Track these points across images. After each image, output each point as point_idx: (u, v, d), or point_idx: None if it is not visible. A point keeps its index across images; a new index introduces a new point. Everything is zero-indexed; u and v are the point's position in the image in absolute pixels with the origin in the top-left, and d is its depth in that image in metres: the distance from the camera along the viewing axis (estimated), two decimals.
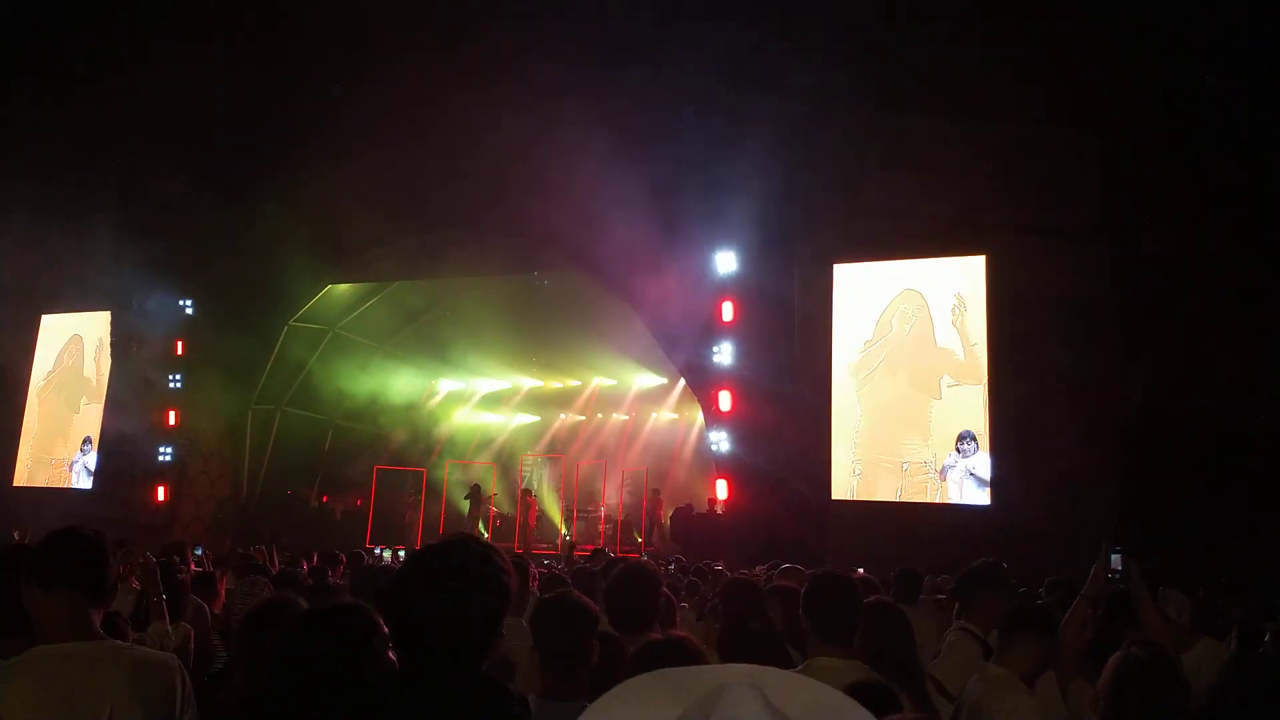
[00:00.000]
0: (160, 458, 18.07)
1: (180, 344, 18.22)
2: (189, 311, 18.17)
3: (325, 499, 20.45)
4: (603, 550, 11.08)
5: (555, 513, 20.52)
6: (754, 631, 3.61)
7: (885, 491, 13.78)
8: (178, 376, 18.13)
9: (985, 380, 13.45)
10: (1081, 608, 3.32)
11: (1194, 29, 11.79)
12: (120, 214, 17.70)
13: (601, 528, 19.18)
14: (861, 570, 6.72)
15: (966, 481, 13.35)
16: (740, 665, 0.85)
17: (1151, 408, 11.93)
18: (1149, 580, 4.26)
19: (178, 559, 5.94)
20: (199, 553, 8.05)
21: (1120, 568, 3.13)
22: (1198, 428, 11.45)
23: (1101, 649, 2.90)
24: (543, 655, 2.55)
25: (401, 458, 21.47)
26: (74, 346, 20.35)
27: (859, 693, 1.81)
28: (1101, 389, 12.44)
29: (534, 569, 7.04)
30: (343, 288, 18.50)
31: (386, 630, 1.97)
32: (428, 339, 20.90)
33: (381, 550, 13.85)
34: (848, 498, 13.95)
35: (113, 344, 19.27)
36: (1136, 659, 2.34)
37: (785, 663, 2.84)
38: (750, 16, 13.49)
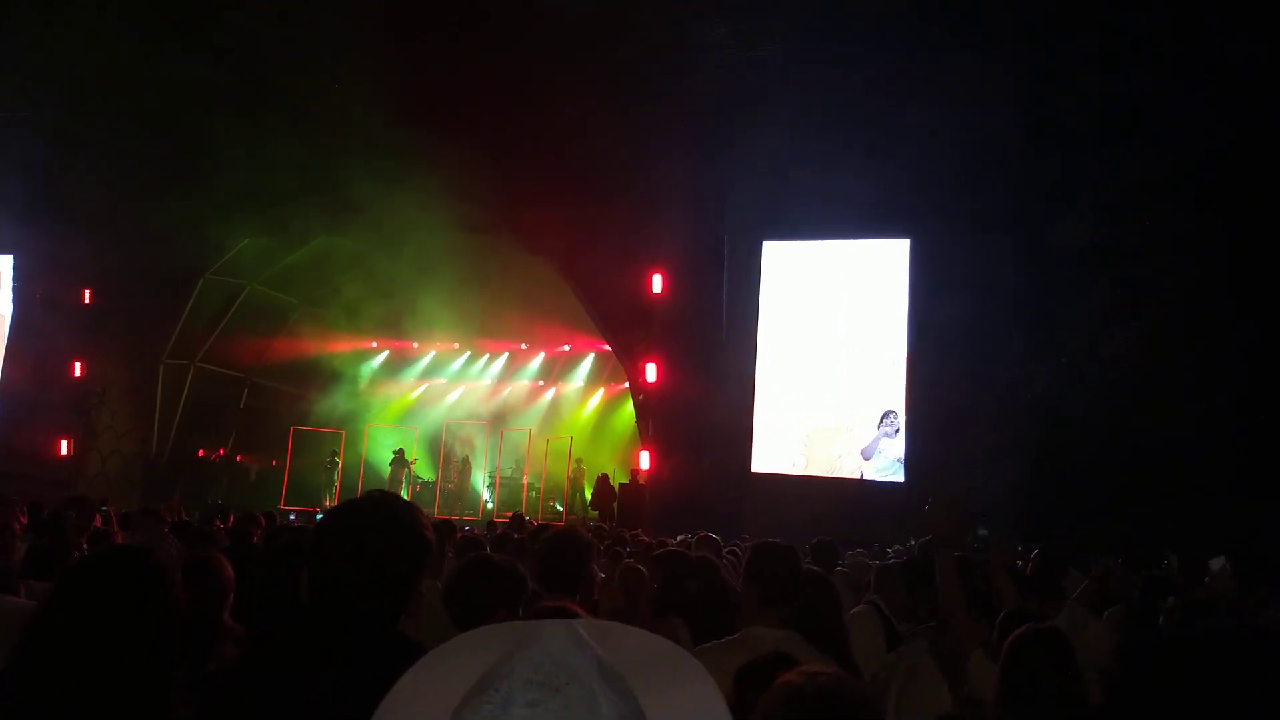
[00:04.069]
0: (65, 411, 17.37)
1: (87, 292, 17.50)
2: (97, 258, 17.41)
3: (239, 458, 19.97)
4: (520, 516, 11.10)
5: (478, 479, 20.40)
6: (690, 591, 3.68)
7: (825, 460, 14.09)
8: (85, 327, 17.41)
9: (905, 359, 13.83)
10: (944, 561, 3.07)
11: (1112, 23, 12.18)
12: (29, 155, 16.87)
13: (524, 495, 19.16)
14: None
15: (890, 464, 13.73)
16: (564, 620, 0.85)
17: (1056, 392, 12.44)
18: (1049, 563, 4.45)
19: (72, 514, 5.73)
20: (104, 509, 7.79)
21: (984, 537, 3.21)
22: (1098, 411, 11.97)
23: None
24: (453, 615, 2.56)
25: (320, 419, 21.05)
26: None
27: (781, 663, 1.87)
28: (1011, 372, 12.90)
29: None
30: (262, 241, 17.93)
31: (176, 576, 1.93)
32: (350, 298, 20.45)
33: (294, 516, 13.64)
34: (781, 468, 14.22)
35: (15, 289, 18.40)
36: (1027, 636, 2.44)
37: (729, 622, 2.89)
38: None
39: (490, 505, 18.95)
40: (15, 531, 4.96)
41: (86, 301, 17.51)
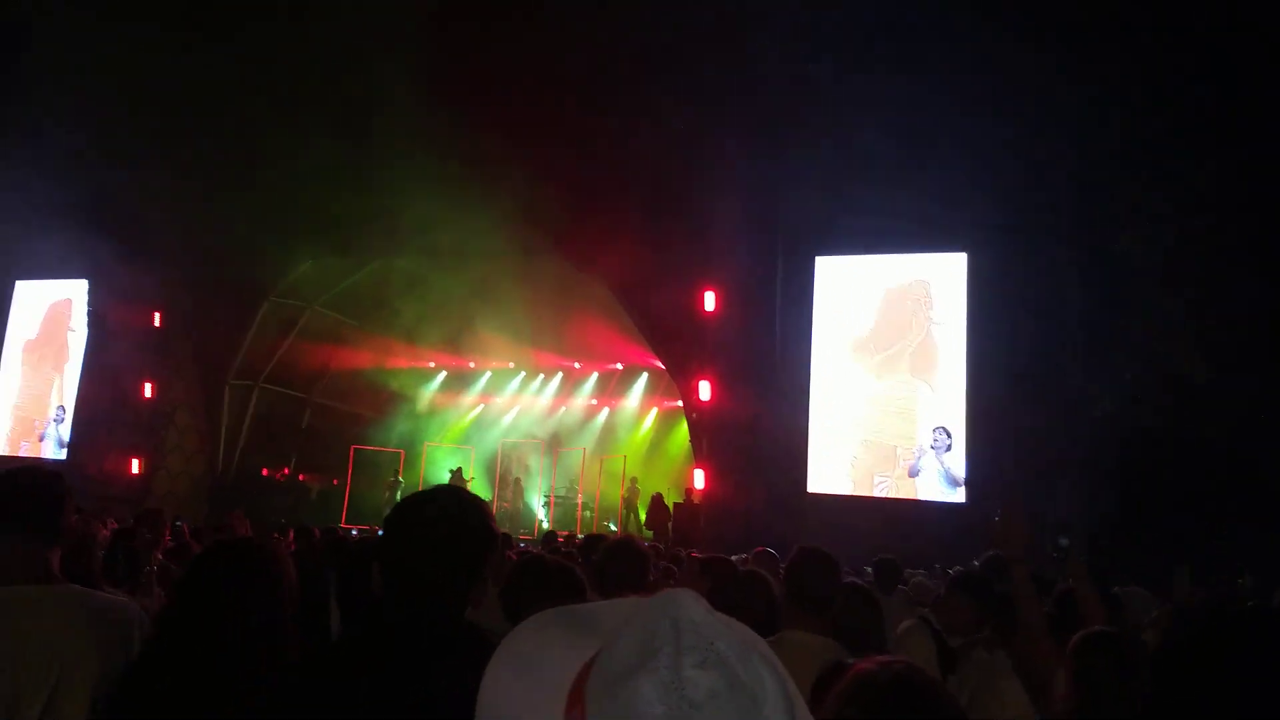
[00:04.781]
0: (136, 431, 17.93)
1: (158, 315, 18.08)
2: (167, 283, 18.00)
3: (301, 477, 20.37)
4: (552, 533, 11.12)
5: (533, 499, 20.52)
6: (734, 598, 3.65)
7: (878, 481, 13.92)
8: (155, 348, 17.99)
9: (964, 377, 13.61)
10: (1021, 577, 2.90)
11: (1173, 38, 11.93)
12: (101, 182, 17.53)
13: (578, 515, 19.21)
14: None
15: (939, 481, 13.49)
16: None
17: (1122, 409, 12.12)
18: (1098, 574, 4.32)
19: (145, 528, 5.90)
20: (178, 524, 8.02)
21: (1066, 544, 3.05)
22: (1166, 429, 11.64)
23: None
24: (508, 613, 2.60)
25: (380, 439, 21.39)
26: (57, 315, 20.15)
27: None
28: (1074, 389, 12.61)
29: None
30: (324, 264, 18.38)
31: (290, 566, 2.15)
32: (408, 319, 20.80)
33: (355, 533, 13.84)
34: (833, 487, 14.07)
35: (89, 313, 19.08)
36: (1094, 637, 2.37)
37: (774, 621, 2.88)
38: (733, 19, 13.54)
39: (545, 525, 19.04)
40: (97, 539, 5.14)
41: (157, 324, 18.09)
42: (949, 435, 13.56)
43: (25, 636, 2.17)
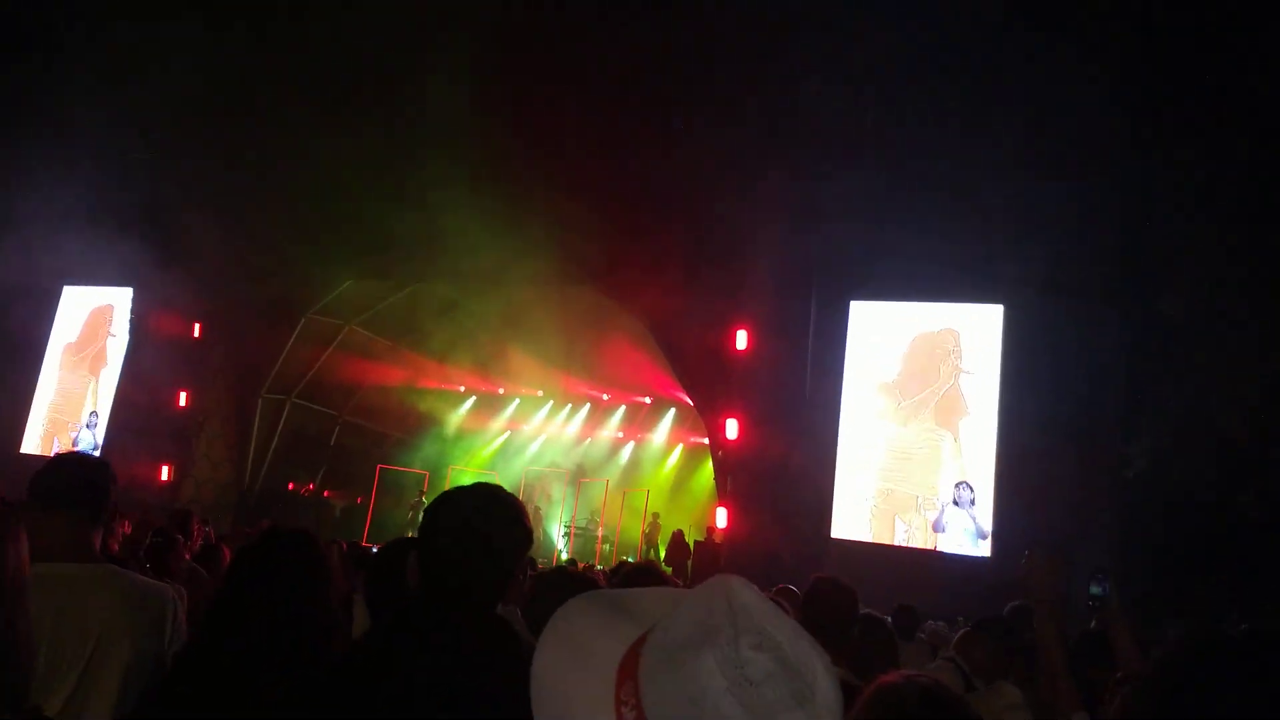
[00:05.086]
0: (168, 438, 18.16)
1: (198, 326, 18.39)
2: (210, 296, 18.33)
3: (326, 494, 20.51)
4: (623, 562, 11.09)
5: (553, 529, 20.50)
6: None
7: (899, 529, 13.78)
8: (192, 358, 18.28)
9: (996, 429, 13.48)
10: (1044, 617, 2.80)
11: (1217, 91, 11.90)
12: (152, 194, 17.94)
13: (598, 548, 19.14)
14: None
15: (966, 536, 13.32)
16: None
17: (1154, 472, 11.92)
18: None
19: (179, 534, 6.00)
20: (207, 528, 8.12)
21: (1101, 592, 2.96)
22: (1199, 494, 11.43)
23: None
24: (533, 626, 2.61)
25: (407, 459, 21.53)
26: (98, 320, 20.56)
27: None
28: (1107, 448, 12.44)
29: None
30: (363, 284, 18.66)
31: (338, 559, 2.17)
32: (441, 342, 21.01)
33: (376, 549, 13.87)
34: (856, 533, 13.94)
35: (131, 320, 19.45)
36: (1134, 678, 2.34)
37: None
38: (776, 58, 13.70)
39: (565, 555, 19.00)
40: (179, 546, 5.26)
41: (196, 335, 18.39)
42: (972, 490, 13.41)
43: (64, 612, 2.25)
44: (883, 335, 14.62)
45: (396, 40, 14.91)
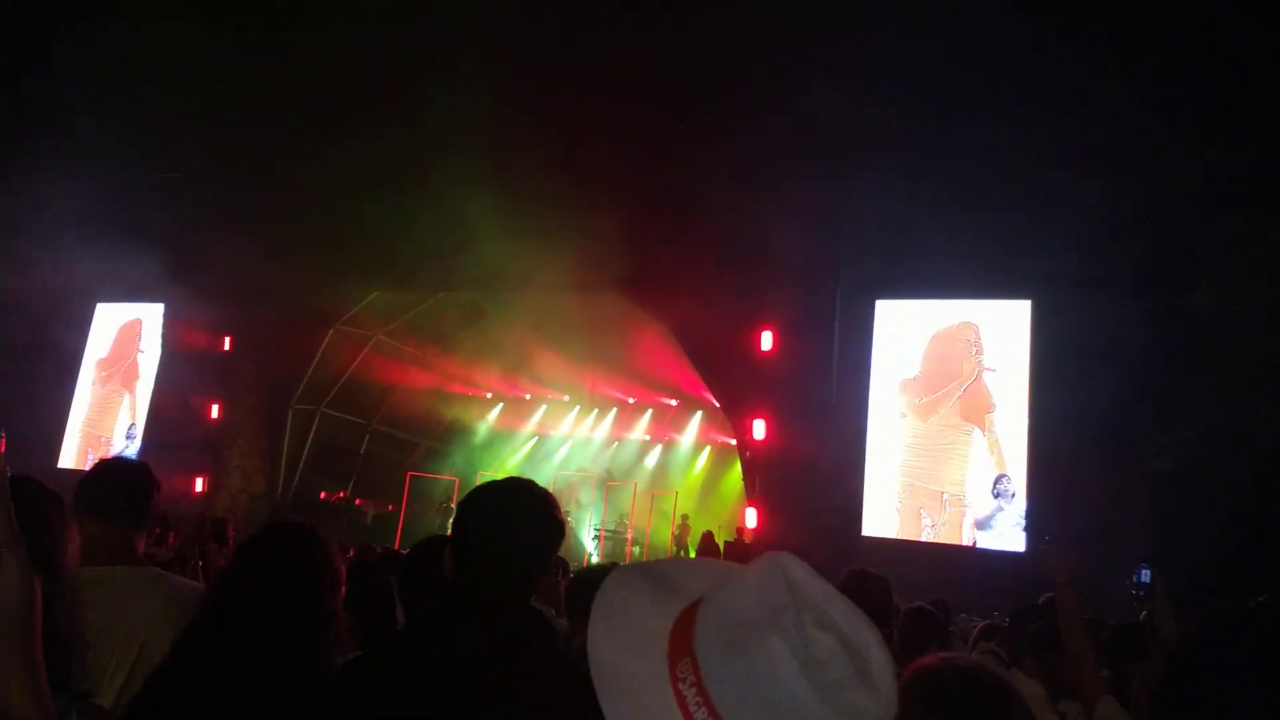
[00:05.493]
0: (201, 451, 18.39)
1: (228, 340, 18.62)
2: (239, 310, 18.55)
3: (358, 501, 20.69)
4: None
5: (583, 534, 20.55)
6: None
7: (924, 524, 13.73)
8: (224, 371, 18.52)
9: (1026, 425, 13.38)
10: (1067, 602, 2.86)
11: (1247, 86, 11.75)
12: (179, 210, 18.18)
13: (628, 550, 19.17)
14: None
15: (1010, 530, 13.21)
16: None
17: (1184, 468, 11.77)
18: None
19: (213, 541, 6.10)
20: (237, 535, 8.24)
21: (1147, 581, 3.00)
22: (1228, 491, 11.28)
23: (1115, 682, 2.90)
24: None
25: (436, 466, 21.67)
26: (131, 335, 20.88)
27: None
28: (1137, 443, 12.32)
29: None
30: (390, 295, 18.82)
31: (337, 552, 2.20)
32: (468, 350, 21.15)
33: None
34: (884, 530, 13.90)
35: (163, 335, 19.73)
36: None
37: None
38: (798, 59, 13.68)
39: (595, 558, 19.05)
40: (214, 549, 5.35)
41: (226, 348, 18.62)
42: (1010, 482, 13.32)
43: (111, 615, 2.30)
44: (905, 332, 14.57)
45: (419, 50, 15.03)
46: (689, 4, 13.84)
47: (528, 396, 23.06)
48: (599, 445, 22.48)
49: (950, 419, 13.95)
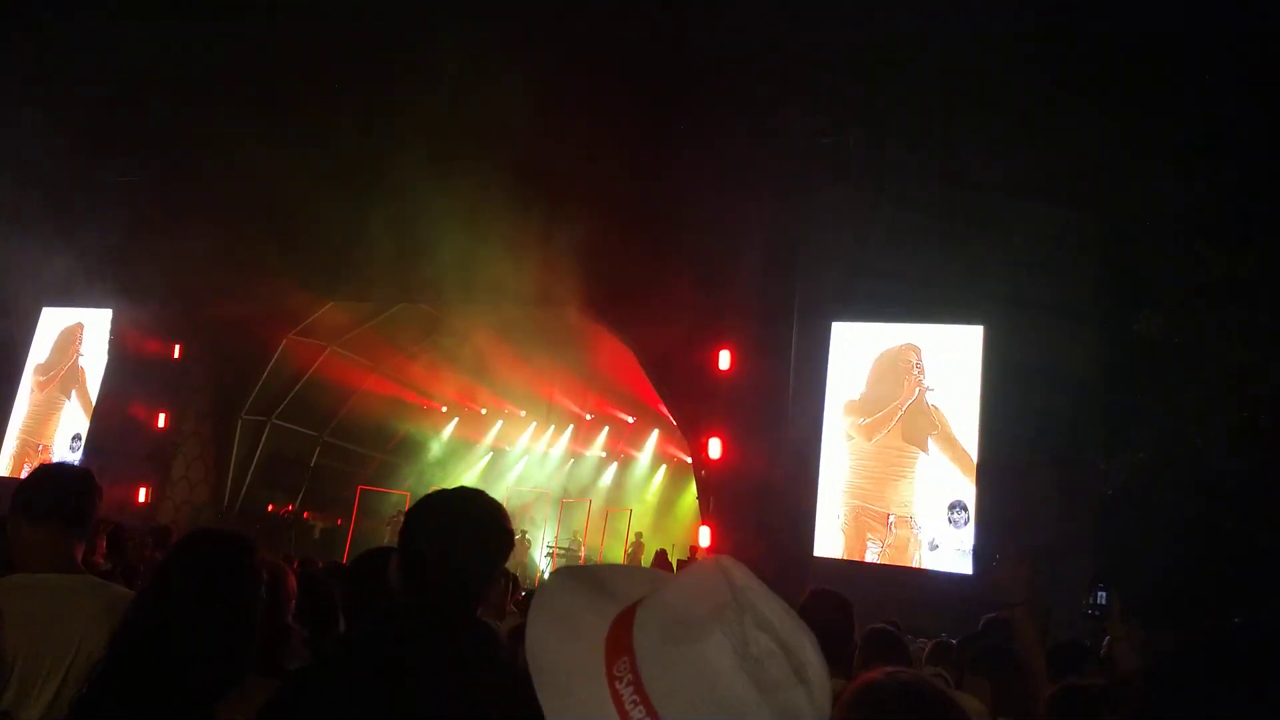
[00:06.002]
0: (146, 460, 17.98)
1: (177, 348, 18.26)
2: (189, 317, 18.21)
3: (306, 515, 20.33)
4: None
5: (537, 553, 20.35)
6: None
7: (868, 545, 13.80)
8: (171, 380, 18.13)
9: (976, 449, 13.54)
10: (1022, 620, 2.81)
11: (1197, 117, 12.07)
12: (130, 214, 17.85)
13: None
14: None
15: (957, 556, 13.33)
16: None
17: (1131, 491, 11.99)
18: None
19: (157, 550, 5.95)
20: None
21: (1104, 603, 2.98)
22: (1180, 513, 11.49)
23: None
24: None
25: (388, 481, 21.39)
26: (70, 339, 20.38)
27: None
28: (1085, 468, 12.52)
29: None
30: (345, 306, 18.59)
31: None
32: (423, 363, 20.95)
33: None
34: (832, 551, 13.95)
35: (111, 342, 19.30)
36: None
37: None
38: (758, 74, 13.83)
39: (547, 577, 18.88)
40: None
41: (176, 356, 18.25)
42: (967, 510, 13.43)
43: (47, 622, 2.28)
44: (857, 354, 14.72)
45: (377, 56, 14.98)
46: (653, 22, 13.95)
47: (484, 411, 22.88)
48: (556, 461, 22.36)
49: (893, 440, 14.07)
